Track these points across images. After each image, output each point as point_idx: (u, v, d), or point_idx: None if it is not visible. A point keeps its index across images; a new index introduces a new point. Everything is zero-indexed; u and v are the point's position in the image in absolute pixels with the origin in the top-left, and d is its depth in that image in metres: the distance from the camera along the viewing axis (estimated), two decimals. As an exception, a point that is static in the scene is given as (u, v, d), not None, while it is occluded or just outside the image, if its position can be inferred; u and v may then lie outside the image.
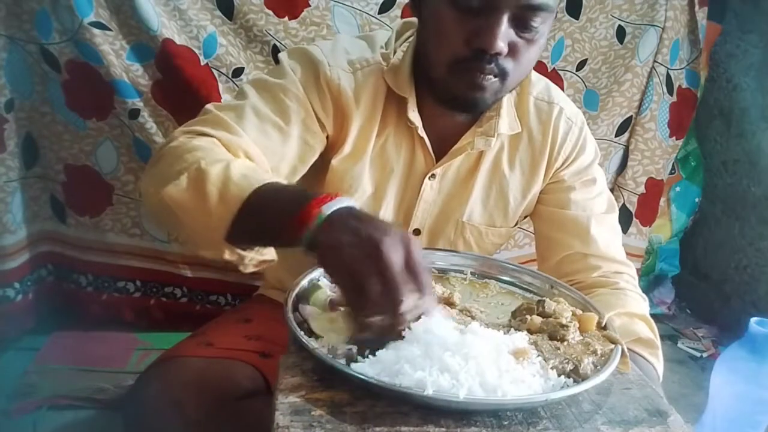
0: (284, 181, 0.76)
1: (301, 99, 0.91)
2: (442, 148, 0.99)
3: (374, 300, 0.63)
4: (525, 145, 1.03)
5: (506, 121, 0.98)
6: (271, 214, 0.71)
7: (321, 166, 0.97)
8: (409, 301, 0.63)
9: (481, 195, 1.04)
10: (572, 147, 1.04)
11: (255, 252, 0.77)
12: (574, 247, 1.02)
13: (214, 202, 0.73)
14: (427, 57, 0.90)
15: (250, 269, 0.79)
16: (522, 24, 0.83)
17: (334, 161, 0.97)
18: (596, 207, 1.04)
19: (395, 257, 0.62)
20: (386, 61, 0.95)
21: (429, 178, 1.01)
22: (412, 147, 0.99)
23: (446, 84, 0.88)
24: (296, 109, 0.90)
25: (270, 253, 0.79)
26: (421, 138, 0.97)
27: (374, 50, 0.97)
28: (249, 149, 0.83)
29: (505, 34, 0.82)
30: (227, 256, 0.75)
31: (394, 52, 0.96)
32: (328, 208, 0.66)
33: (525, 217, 1.12)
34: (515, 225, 1.10)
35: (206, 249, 0.77)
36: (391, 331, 0.64)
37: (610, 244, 1.03)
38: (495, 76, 0.86)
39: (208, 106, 0.90)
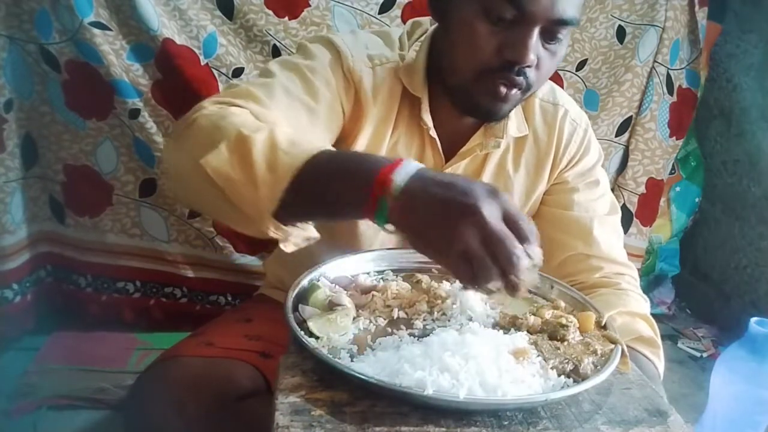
0: (333, 148, 0.69)
1: (329, 81, 0.90)
2: (450, 149, 0.99)
3: (485, 272, 0.60)
4: (530, 146, 1.03)
5: (514, 123, 0.99)
6: (333, 186, 0.66)
7: None
8: (523, 259, 0.60)
9: None
10: (577, 148, 1.04)
11: (300, 227, 0.71)
12: (577, 248, 1.01)
13: (262, 171, 0.66)
14: (451, 64, 0.89)
15: (291, 248, 0.72)
16: (549, 35, 0.84)
17: None
18: (599, 208, 1.04)
19: (492, 220, 0.59)
20: (402, 60, 0.95)
21: None
22: (422, 147, 0.99)
23: (469, 92, 0.88)
24: (324, 90, 0.89)
25: (313, 230, 0.73)
26: (432, 139, 0.97)
27: (392, 48, 0.97)
28: (280, 123, 0.79)
29: (535, 46, 0.82)
30: (271, 233, 0.69)
31: (407, 52, 0.96)
32: (401, 180, 0.62)
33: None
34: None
35: (249, 225, 0.70)
36: (513, 288, 0.61)
37: (612, 245, 1.03)
38: (519, 89, 0.86)
39: (234, 81, 0.86)
